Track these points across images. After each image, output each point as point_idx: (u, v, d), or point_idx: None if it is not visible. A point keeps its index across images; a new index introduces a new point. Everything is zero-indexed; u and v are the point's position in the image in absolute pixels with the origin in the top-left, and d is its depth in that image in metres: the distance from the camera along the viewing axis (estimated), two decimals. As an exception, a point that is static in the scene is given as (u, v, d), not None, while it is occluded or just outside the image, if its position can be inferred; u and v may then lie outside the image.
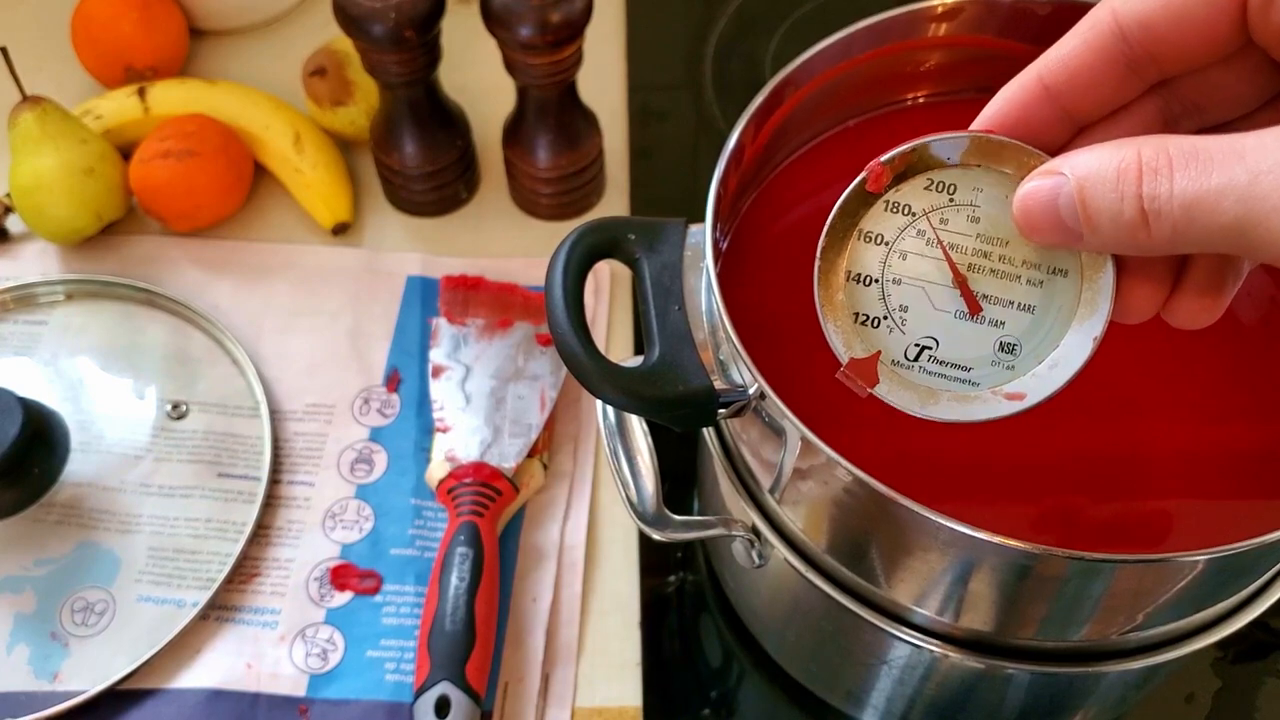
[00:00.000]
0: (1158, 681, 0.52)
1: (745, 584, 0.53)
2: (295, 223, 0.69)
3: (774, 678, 0.55)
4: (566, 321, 0.39)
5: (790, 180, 0.48)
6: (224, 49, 0.76)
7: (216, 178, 0.66)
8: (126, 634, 0.54)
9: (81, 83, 0.73)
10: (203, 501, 0.58)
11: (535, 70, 0.60)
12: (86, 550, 0.56)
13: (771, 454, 0.40)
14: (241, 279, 0.66)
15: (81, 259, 0.67)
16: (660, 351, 0.39)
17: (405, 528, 0.58)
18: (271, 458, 0.59)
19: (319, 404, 0.62)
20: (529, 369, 0.61)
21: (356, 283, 0.66)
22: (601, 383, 0.38)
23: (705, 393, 0.38)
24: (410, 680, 0.53)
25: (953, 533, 0.34)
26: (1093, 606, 0.38)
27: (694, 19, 0.78)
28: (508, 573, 0.56)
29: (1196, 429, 0.42)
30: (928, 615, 0.41)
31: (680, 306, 0.40)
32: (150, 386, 0.62)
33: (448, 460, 0.57)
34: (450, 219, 0.70)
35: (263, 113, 0.69)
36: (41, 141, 0.63)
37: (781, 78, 0.44)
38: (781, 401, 0.37)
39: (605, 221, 0.42)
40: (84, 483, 0.58)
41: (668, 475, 0.45)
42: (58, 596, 0.55)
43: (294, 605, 0.56)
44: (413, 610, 0.55)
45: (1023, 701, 0.46)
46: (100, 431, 0.60)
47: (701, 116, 0.74)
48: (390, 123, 0.65)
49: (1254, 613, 0.42)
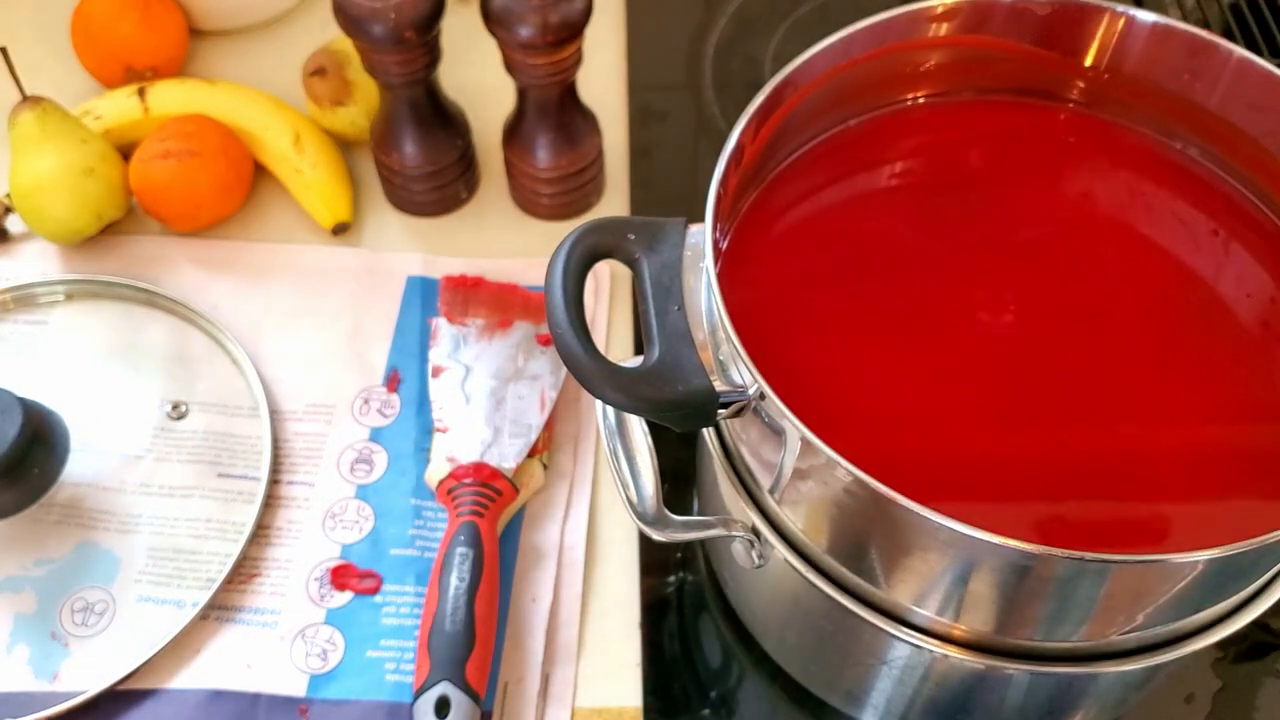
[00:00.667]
0: (1158, 681, 0.52)
1: (745, 584, 0.53)
2: (295, 223, 0.69)
3: (774, 678, 0.55)
4: (566, 321, 0.39)
5: (790, 180, 0.48)
6: (224, 49, 0.76)
7: (216, 178, 0.66)
8: (126, 634, 0.54)
9: (81, 83, 0.73)
10: (203, 501, 0.58)
11: (535, 70, 0.60)
12: (86, 550, 0.56)
13: (771, 454, 0.40)
14: (241, 279, 0.66)
15: (81, 259, 0.67)
16: (660, 352, 0.39)
17: (405, 528, 0.58)
18: (271, 458, 0.59)
19: (319, 404, 0.62)
20: (529, 369, 0.61)
21: (356, 283, 0.66)
22: (602, 383, 0.38)
23: (705, 393, 0.38)
24: (410, 680, 0.53)
25: (952, 533, 0.34)
26: (1093, 607, 0.38)
27: (694, 19, 0.78)
28: (507, 573, 0.56)
29: (1196, 429, 0.42)
30: (928, 615, 0.41)
31: (680, 306, 0.40)
32: (150, 386, 0.62)
33: (448, 460, 0.57)
34: (450, 219, 0.70)
35: (262, 113, 0.69)
36: (41, 142, 0.63)
37: (781, 78, 0.44)
38: (781, 402, 0.37)
39: (605, 221, 0.42)
40: (84, 483, 0.58)
41: (667, 475, 0.45)
42: (58, 596, 0.55)
43: (294, 605, 0.56)
44: (413, 610, 0.55)
45: (1022, 701, 0.46)
46: (100, 431, 0.60)
47: (701, 116, 0.74)
48: (390, 123, 0.65)
49: (1254, 613, 0.42)
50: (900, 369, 0.43)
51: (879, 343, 0.44)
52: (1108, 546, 0.34)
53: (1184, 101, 0.47)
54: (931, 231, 0.47)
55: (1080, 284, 0.46)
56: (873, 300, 0.45)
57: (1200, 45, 0.46)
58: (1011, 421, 0.42)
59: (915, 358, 0.44)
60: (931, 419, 0.42)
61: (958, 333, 0.44)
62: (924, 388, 0.43)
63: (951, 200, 0.48)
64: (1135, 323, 0.45)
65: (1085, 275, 0.46)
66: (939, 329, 0.44)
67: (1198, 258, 0.46)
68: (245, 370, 0.62)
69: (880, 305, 0.45)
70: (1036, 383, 0.43)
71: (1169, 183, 0.48)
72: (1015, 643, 0.41)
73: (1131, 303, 0.45)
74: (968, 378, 0.43)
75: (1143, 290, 0.46)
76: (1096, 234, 0.47)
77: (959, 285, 0.46)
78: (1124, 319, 0.45)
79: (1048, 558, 0.35)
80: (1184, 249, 0.46)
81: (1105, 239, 0.47)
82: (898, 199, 0.49)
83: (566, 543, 0.58)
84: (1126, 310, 0.45)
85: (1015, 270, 0.46)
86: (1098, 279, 0.46)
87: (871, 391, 0.43)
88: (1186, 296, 0.45)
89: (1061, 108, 0.50)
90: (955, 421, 0.42)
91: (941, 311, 0.45)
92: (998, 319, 0.45)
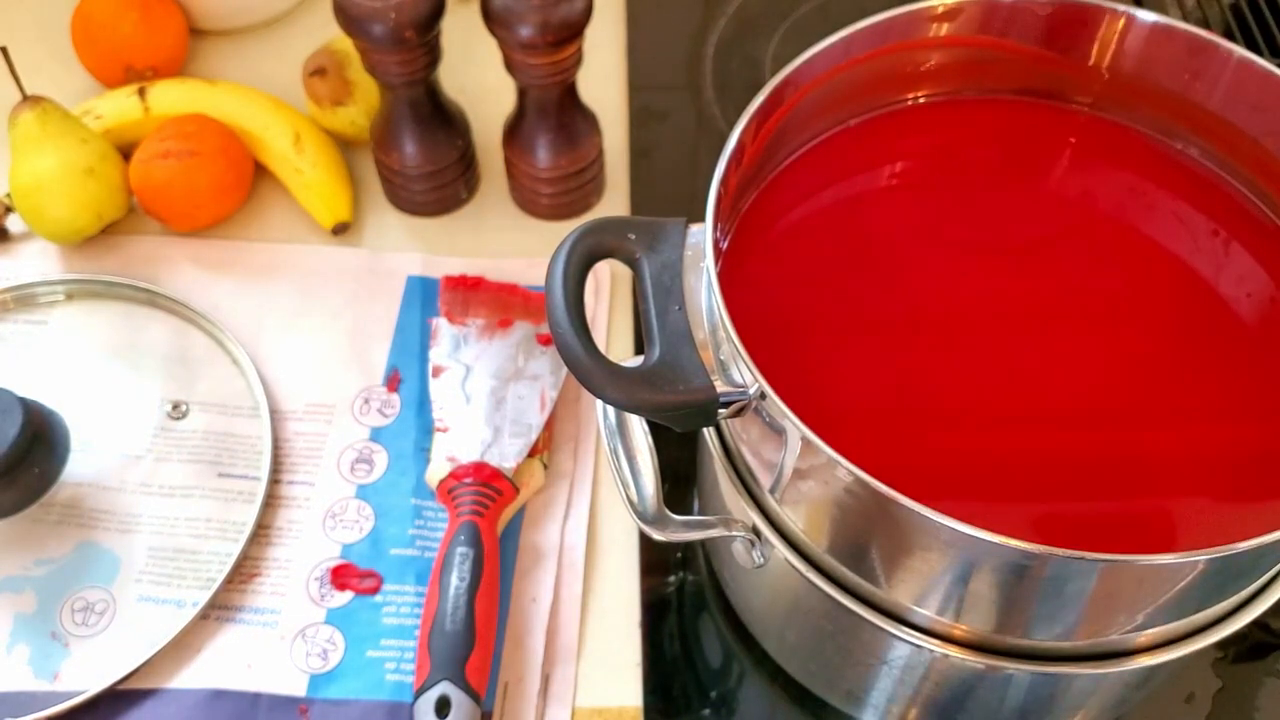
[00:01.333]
0: (1158, 681, 0.52)
1: (745, 584, 0.53)
2: (295, 223, 0.69)
3: (774, 677, 0.55)
4: (567, 321, 0.39)
5: (790, 180, 0.48)
6: (224, 49, 0.76)
7: (216, 178, 0.66)
8: (127, 634, 0.54)
9: (82, 83, 0.73)
10: (203, 501, 0.58)
11: (535, 70, 0.60)
12: (87, 550, 0.56)
13: (772, 454, 0.40)
14: (242, 279, 0.66)
15: (82, 259, 0.67)
16: (661, 351, 0.39)
17: (405, 528, 0.58)
18: (271, 458, 0.59)
19: (319, 404, 0.62)
20: (529, 369, 0.61)
21: (356, 282, 0.66)
22: (602, 383, 0.38)
23: (706, 393, 0.39)
24: (410, 680, 0.53)
25: (953, 532, 0.34)
26: (1092, 606, 0.38)
27: (694, 19, 0.78)
28: (508, 573, 0.56)
29: (1197, 429, 0.42)
30: (928, 615, 0.41)
31: (680, 306, 0.40)
32: (150, 386, 0.62)
33: (448, 460, 0.57)
34: (450, 219, 0.70)
35: (263, 113, 0.69)
36: (42, 141, 0.63)
37: (782, 78, 0.44)
38: (782, 401, 0.37)
39: (605, 221, 0.42)
40: (84, 483, 0.58)
41: (668, 475, 0.45)
42: (58, 596, 0.55)
43: (294, 605, 0.56)
44: (413, 610, 0.55)
45: (1023, 701, 0.46)
46: (100, 431, 0.60)
47: (701, 117, 0.74)
48: (390, 123, 0.65)
49: (1254, 613, 0.42)
50: (900, 368, 0.43)
51: (879, 342, 0.44)
52: (1108, 547, 0.34)
53: (1184, 101, 0.47)
54: (931, 231, 0.47)
55: (1080, 284, 0.46)
56: (872, 300, 0.45)
57: (1200, 45, 0.46)
58: (1011, 421, 0.42)
59: (915, 357, 0.44)
60: (932, 418, 0.42)
61: (957, 332, 0.44)
62: (924, 387, 0.43)
63: (952, 200, 0.48)
64: (1135, 322, 0.45)
65: (1085, 275, 0.46)
66: (939, 329, 0.44)
67: (1198, 257, 0.46)
68: (245, 370, 0.62)
69: (880, 305, 0.45)
70: (1036, 382, 0.43)
71: (1169, 183, 0.48)
72: (1015, 642, 0.41)
73: (1131, 302, 0.45)
74: (968, 377, 0.43)
75: (1142, 290, 0.46)
76: (1096, 234, 0.47)
77: (959, 285, 0.46)
78: (1124, 319, 0.45)
79: (1047, 557, 0.35)
80: (1184, 249, 0.47)
81: (1105, 239, 0.47)
82: (898, 199, 0.49)
83: (566, 543, 0.58)
84: (1126, 310, 0.45)
85: (1014, 270, 0.46)
86: (1098, 279, 0.46)
87: (872, 391, 0.43)
88: (1186, 296, 0.45)
89: (1062, 108, 0.50)
90: (956, 421, 0.42)
91: (941, 311, 0.45)
92: (997, 318, 0.45)
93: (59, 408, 0.58)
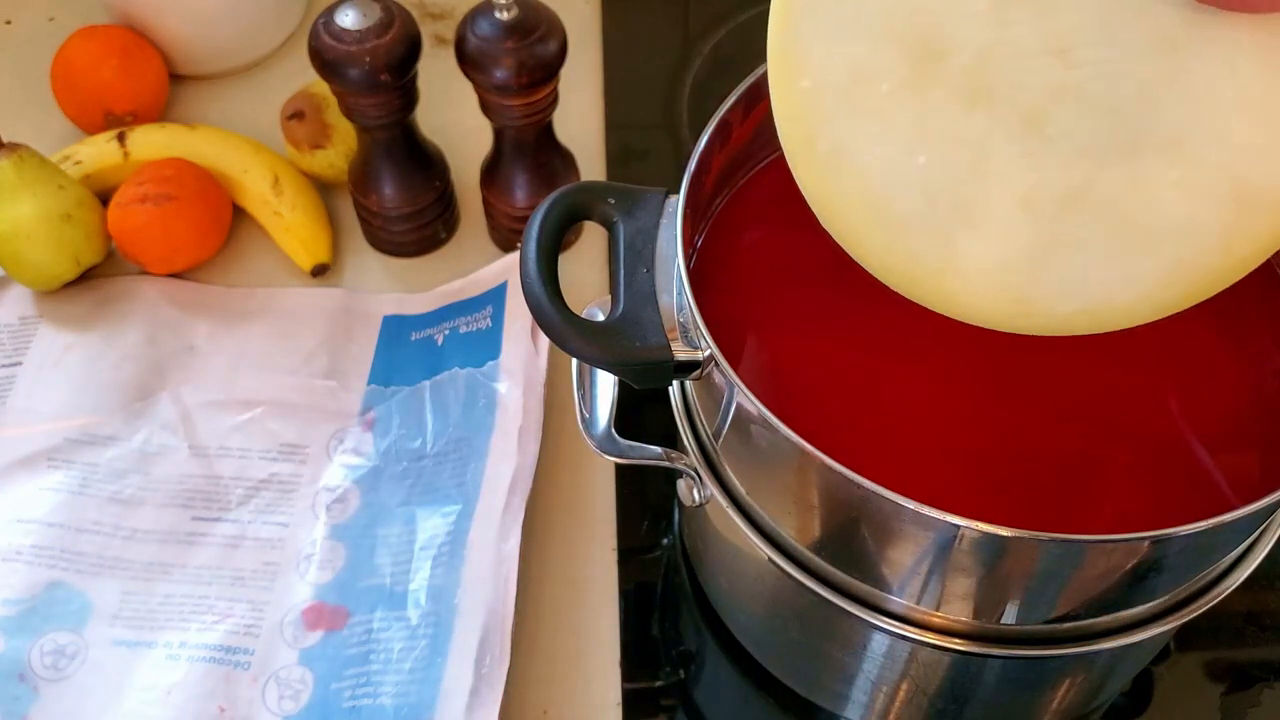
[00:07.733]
0: (1139, 664, 0.52)
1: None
2: (275, 265, 0.69)
3: (766, 698, 0.54)
4: (536, 272, 0.40)
5: (771, 177, 0.49)
6: (203, 94, 0.77)
7: (194, 221, 0.66)
8: (97, 678, 0.54)
9: (62, 128, 0.73)
10: (177, 545, 0.57)
11: (511, 112, 0.61)
12: (57, 592, 0.56)
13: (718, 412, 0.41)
14: (218, 321, 0.66)
15: (59, 304, 0.66)
16: (624, 308, 0.41)
17: (375, 560, 0.57)
18: (245, 498, 0.59)
19: (293, 444, 0.61)
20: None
21: (332, 323, 0.66)
22: (564, 332, 0.40)
23: (661, 351, 0.40)
24: (372, 705, 0.52)
25: (893, 504, 0.35)
26: (1050, 590, 0.38)
27: (670, 59, 0.79)
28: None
29: (1170, 423, 0.42)
30: (903, 603, 0.41)
31: (649, 270, 0.42)
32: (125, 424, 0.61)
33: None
34: (430, 259, 0.70)
35: (241, 156, 0.69)
36: (19, 189, 0.63)
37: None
38: (728, 364, 0.38)
39: (589, 184, 0.44)
40: (55, 524, 0.57)
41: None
42: (27, 638, 0.54)
43: (267, 647, 0.55)
44: (375, 636, 0.54)
45: (995, 685, 0.46)
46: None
47: (679, 155, 0.74)
48: (368, 165, 0.66)
49: (1220, 594, 0.42)
50: (868, 357, 0.44)
51: (846, 328, 0.45)
52: (1067, 528, 0.34)
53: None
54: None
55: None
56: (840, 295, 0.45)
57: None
58: (980, 413, 0.43)
59: (883, 345, 0.44)
60: (895, 406, 0.43)
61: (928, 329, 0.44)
62: (890, 376, 0.44)
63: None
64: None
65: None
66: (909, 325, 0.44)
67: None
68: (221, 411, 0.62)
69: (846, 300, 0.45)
70: (1015, 379, 0.43)
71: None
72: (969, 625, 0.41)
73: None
74: (934, 371, 0.44)
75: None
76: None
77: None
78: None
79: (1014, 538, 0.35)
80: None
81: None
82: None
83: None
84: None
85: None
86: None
87: (834, 373, 0.44)
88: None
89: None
90: (915, 408, 0.43)
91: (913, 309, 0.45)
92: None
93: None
